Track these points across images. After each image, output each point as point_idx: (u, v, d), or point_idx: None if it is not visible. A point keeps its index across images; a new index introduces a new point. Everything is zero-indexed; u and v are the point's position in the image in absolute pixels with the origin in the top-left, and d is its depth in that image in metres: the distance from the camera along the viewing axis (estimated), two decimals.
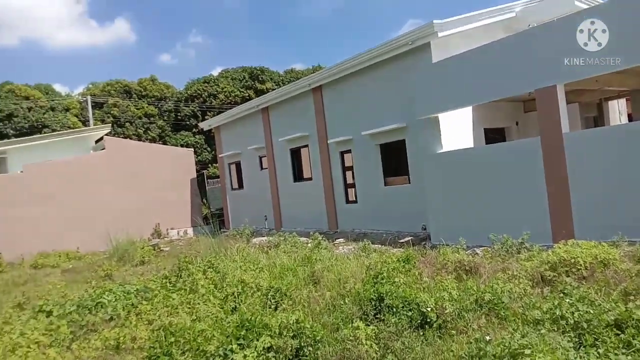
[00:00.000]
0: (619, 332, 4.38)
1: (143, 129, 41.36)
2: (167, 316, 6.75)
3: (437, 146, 12.92)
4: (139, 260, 14.78)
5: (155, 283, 8.70)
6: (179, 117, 43.10)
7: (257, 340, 3.89)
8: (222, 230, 20.42)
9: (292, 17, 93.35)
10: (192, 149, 29.44)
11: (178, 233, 24.06)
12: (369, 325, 4.58)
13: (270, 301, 6.64)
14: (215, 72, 48.50)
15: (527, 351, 3.67)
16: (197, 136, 42.29)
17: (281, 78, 45.80)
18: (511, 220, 10.65)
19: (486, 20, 14.02)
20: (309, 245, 13.29)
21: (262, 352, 3.85)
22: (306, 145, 18.98)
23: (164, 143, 39.67)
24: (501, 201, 11.16)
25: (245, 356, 3.72)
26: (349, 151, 16.91)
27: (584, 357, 4.04)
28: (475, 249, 10.29)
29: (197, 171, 28.80)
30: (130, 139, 35.84)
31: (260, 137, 21.66)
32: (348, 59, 15.73)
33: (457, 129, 13.36)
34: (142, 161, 23.81)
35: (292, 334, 4.17)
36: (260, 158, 22.28)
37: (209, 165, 40.56)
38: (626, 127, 11.24)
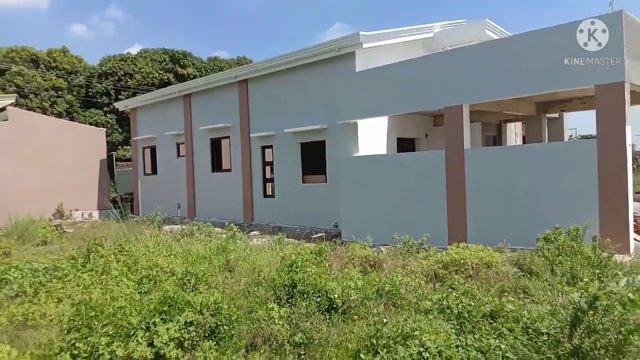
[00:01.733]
0: (492, 321, 5.22)
1: (49, 102, 38.48)
2: (79, 295, 6.74)
3: (354, 150, 13.71)
4: (41, 240, 14.04)
5: (64, 263, 8.51)
6: (90, 94, 40.64)
7: (180, 315, 4.18)
8: (131, 215, 19.81)
9: (219, 5, 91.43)
10: (104, 129, 28.05)
11: (82, 215, 22.92)
12: (282, 307, 5.03)
13: (187, 285, 6.85)
14: (133, 51, 46.29)
15: (417, 332, 4.33)
16: (108, 115, 40.14)
17: (204, 65, 44.84)
18: (414, 223, 11.65)
19: (407, 37, 15.09)
20: (224, 235, 13.46)
21: (183, 326, 4.14)
22: (227, 137, 19.05)
23: (72, 119, 37.24)
24: (407, 205, 12.17)
25: (168, 329, 4.00)
26: (270, 146, 17.28)
27: (462, 340, 4.80)
28: (380, 247, 11.13)
29: (107, 152, 27.53)
30: (34, 111, 33.26)
31: (179, 124, 21.31)
32: (276, 57, 16.09)
33: (373, 136, 14.27)
34: (49, 137, 22.38)
35: (211, 312, 4.51)
36: (178, 145, 21.92)
37: (119, 147, 38.76)
38: (518, 148, 12.72)
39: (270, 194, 17.64)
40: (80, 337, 4.21)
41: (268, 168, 17.76)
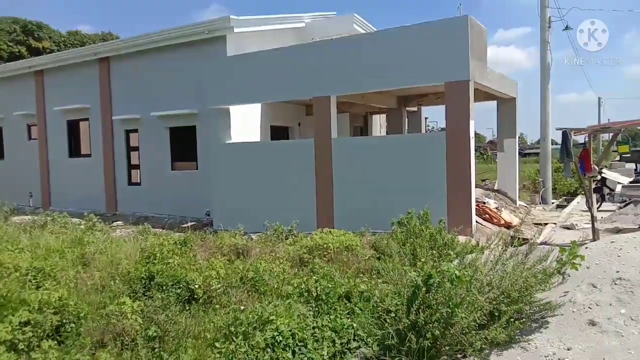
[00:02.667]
0: (347, 302, 5.53)
1: None
2: None
3: (226, 136, 13.47)
4: None
5: None
6: None
7: (12, 315, 3.76)
8: None
9: None
10: None
11: None
12: (135, 301, 4.80)
13: (31, 282, 6.21)
14: None
15: (272, 317, 4.43)
16: None
17: (63, 39, 40.77)
18: (286, 210, 11.84)
19: (279, 25, 15.18)
20: (82, 226, 12.45)
21: (17, 327, 3.74)
22: (87, 119, 17.50)
23: None
24: (279, 193, 12.33)
25: None
26: (135, 130, 16.25)
27: (318, 322, 5.02)
28: (252, 234, 11.14)
29: None
30: None
31: (30, 103, 19.05)
32: (142, 35, 15.16)
33: (246, 123, 14.15)
34: None
35: (53, 310, 4.14)
36: (29, 126, 19.64)
37: None
38: (378, 138, 13.54)
39: (136, 181, 16.64)
40: None
41: (134, 154, 16.69)
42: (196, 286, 5.55)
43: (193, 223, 14.14)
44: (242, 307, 4.75)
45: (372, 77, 10.85)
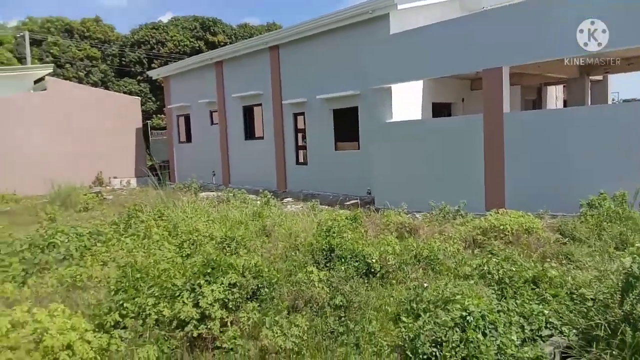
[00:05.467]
0: (535, 287, 5.13)
1: (84, 72, 39.23)
2: (122, 258, 6.97)
3: (387, 116, 13.47)
4: (82, 207, 14.55)
5: (106, 228, 8.80)
6: (124, 63, 41.15)
7: (223, 277, 4.26)
8: (167, 182, 20.27)
9: None
10: (139, 98, 28.46)
11: (121, 182, 23.59)
12: (320, 271, 5.07)
13: (226, 249, 6.99)
14: (165, 19, 46.34)
15: (459, 297, 4.30)
16: (142, 84, 40.66)
17: (234, 32, 44.54)
18: (450, 189, 11.46)
19: None
20: (258, 202, 13.62)
21: (227, 288, 4.23)
22: (260, 104, 19.03)
23: (107, 88, 37.84)
24: (443, 171, 11.96)
25: (212, 290, 4.09)
26: (302, 113, 17.18)
27: (504, 305, 4.74)
28: (415, 213, 11.04)
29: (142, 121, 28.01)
30: (70, 81, 33.98)
31: (212, 92, 21.39)
32: (307, 22, 15.79)
33: (407, 101, 13.95)
34: (86, 106, 22.88)
35: (253, 275, 4.58)
36: (211, 113, 22.07)
37: (154, 115, 39.36)
38: (560, 111, 12.21)
39: (303, 161, 17.65)
40: (128, 298, 4.36)
41: (300, 135, 17.70)
42: (373, 260, 5.66)
43: (355, 201, 14.51)
44: (425, 284, 4.70)
45: (557, 42, 9.74)
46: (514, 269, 5.39)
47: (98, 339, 3.82)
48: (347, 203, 14.40)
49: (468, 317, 3.85)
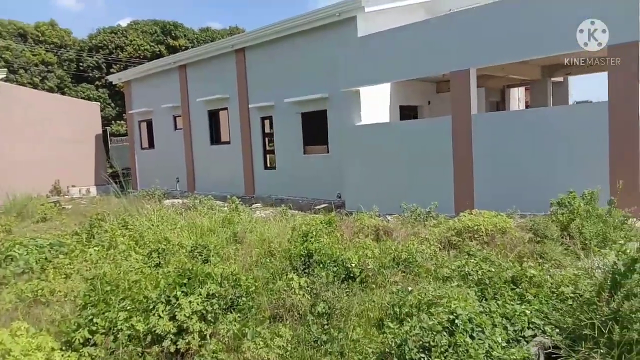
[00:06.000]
0: (515, 287, 5.12)
1: (39, 78, 37.68)
2: (87, 270, 6.60)
3: (356, 119, 13.44)
4: (40, 217, 13.85)
5: (68, 239, 8.35)
6: (81, 68, 39.79)
7: (201, 287, 4.03)
8: (129, 190, 19.59)
9: None
10: (98, 103, 27.52)
11: (80, 191, 22.69)
12: (301, 278, 4.91)
13: (197, 258, 6.72)
14: (123, 23, 45.09)
15: (443, 300, 4.22)
16: (100, 90, 39.43)
17: (196, 36, 43.90)
18: (420, 191, 11.50)
19: (409, 0, 14.64)
20: (226, 208, 13.31)
21: (205, 299, 4.00)
22: (225, 108, 18.69)
23: (63, 94, 36.49)
24: (412, 173, 12.01)
25: (190, 302, 3.85)
26: (270, 117, 16.97)
27: (486, 307, 4.70)
28: (387, 216, 11.02)
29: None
30: (25, 87, 32.52)
31: (175, 96, 20.87)
32: (274, 24, 15.62)
33: (375, 104, 13.98)
34: (42, 112, 21.93)
35: (231, 284, 4.37)
36: (175, 117, 21.53)
37: (113, 122, 38.21)
38: (526, 112, 12.42)
39: (271, 165, 17.43)
40: (98, 313, 4.07)
41: (268, 139, 17.48)
42: (352, 265, 5.54)
43: (325, 205, 14.40)
44: (410, 288, 4.60)
45: (521, 45, 9.93)
46: (492, 270, 5.38)
47: (66, 359, 3.53)
48: (318, 207, 14.29)
49: (456, 321, 3.77)
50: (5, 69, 25.35)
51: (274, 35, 15.84)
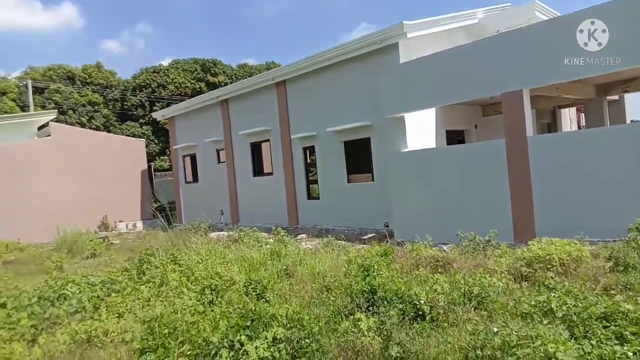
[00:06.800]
0: (608, 325, 4.54)
1: (87, 117, 39.30)
2: (140, 309, 6.42)
3: (402, 145, 13.09)
4: (90, 253, 13.99)
5: (119, 275, 8.25)
6: (125, 107, 41.31)
7: (266, 331, 3.71)
8: (174, 224, 19.74)
9: (242, 13, 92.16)
10: (143, 139, 28.27)
11: (127, 226, 23.07)
12: (369, 318, 4.52)
13: (252, 294, 6.43)
14: (165, 63, 46.84)
15: (537, 342, 3.72)
16: (144, 127, 40.68)
17: (234, 72, 44.98)
18: (474, 218, 10.96)
19: (451, 24, 14.41)
20: (271, 240, 13.07)
21: (272, 343, 3.68)
22: (267, 140, 18.72)
23: (109, 132, 37.90)
24: (464, 200, 11.47)
25: (257, 347, 3.54)
26: (312, 147, 16.83)
27: (579, 347, 4.16)
28: (441, 245, 10.48)
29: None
30: (74, 126, 33.92)
31: (218, 130, 21.14)
32: (315, 55, 15.65)
33: (420, 130, 13.61)
34: (90, 150, 22.65)
35: (298, 325, 4.03)
36: (218, 151, 21.75)
37: (157, 157, 39.19)
38: (585, 133, 11.73)
39: (315, 195, 17.19)
40: (157, 359, 3.80)
41: (311, 169, 17.31)
42: (421, 302, 5.10)
43: (372, 234, 13.97)
44: (495, 328, 4.13)
45: (572, 64, 9.44)
46: (579, 305, 4.83)
47: None
48: (365, 237, 13.85)
49: None
50: (56, 110, 26.47)
51: (314, 67, 15.85)
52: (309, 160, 17.33)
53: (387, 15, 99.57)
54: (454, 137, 15.41)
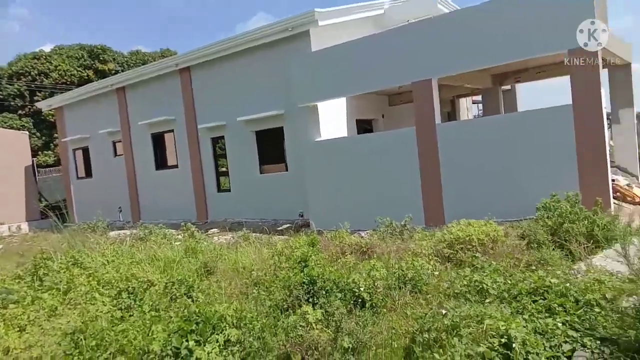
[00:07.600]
0: (536, 299, 4.81)
1: None
2: (46, 320, 5.65)
3: (315, 134, 13.03)
4: None
5: (13, 284, 7.22)
6: (1, 97, 36.82)
7: (218, 334, 3.37)
8: (65, 224, 17.93)
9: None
10: (26, 133, 25.37)
11: (9, 229, 20.59)
12: (315, 310, 4.34)
13: (176, 295, 5.95)
14: (46, 49, 42.32)
15: (487, 321, 3.80)
16: (24, 119, 36.57)
17: (126, 59, 42.07)
18: (387, 205, 11.20)
19: (360, 13, 14.61)
20: (180, 237, 12.43)
21: (223, 346, 3.35)
22: (171, 130, 17.68)
23: None
24: (377, 187, 11.72)
25: (208, 353, 3.19)
26: (221, 137, 16.19)
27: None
28: (359, 232, 10.61)
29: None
30: None
31: (114, 120, 19.54)
32: (221, 41, 15.02)
33: (333, 119, 13.66)
34: None
35: (248, 325, 3.73)
36: (114, 143, 20.15)
37: (40, 152, 35.51)
38: (491, 119, 12.28)
39: (225, 187, 16.60)
40: None
41: (221, 161, 16.67)
42: (361, 289, 5.04)
43: (288, 225, 13.81)
44: (444, 311, 4.17)
45: (480, 53, 10.01)
46: (509, 282, 5.09)
47: None
48: (280, 228, 13.66)
49: (514, 345, 3.38)
50: None
51: (222, 53, 15.20)
52: (218, 151, 16.65)
53: (283, 6, 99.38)
54: (363, 126, 15.72)
